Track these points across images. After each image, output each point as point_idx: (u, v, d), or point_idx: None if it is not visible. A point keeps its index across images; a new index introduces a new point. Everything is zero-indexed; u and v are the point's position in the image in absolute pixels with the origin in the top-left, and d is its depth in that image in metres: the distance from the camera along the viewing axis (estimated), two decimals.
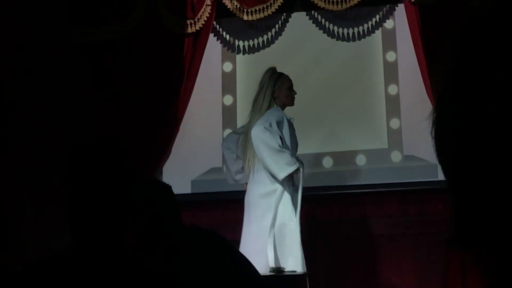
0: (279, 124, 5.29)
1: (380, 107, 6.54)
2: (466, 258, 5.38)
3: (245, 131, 5.44)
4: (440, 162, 0.73)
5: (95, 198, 2.02)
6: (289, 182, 5.27)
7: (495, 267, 0.67)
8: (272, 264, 5.05)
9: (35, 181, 6.46)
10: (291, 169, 5.17)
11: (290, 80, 5.50)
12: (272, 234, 5.16)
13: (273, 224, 5.18)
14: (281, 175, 5.17)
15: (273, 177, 5.23)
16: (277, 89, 5.42)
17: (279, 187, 5.25)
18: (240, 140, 5.53)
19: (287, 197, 5.26)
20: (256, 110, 5.37)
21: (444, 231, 5.73)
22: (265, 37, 6.85)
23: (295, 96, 5.51)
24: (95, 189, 2.03)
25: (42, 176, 6.38)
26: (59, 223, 2.21)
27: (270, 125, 5.20)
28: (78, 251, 2.00)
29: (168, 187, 2.80)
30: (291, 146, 5.36)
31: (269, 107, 5.35)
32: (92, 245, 1.99)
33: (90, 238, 2.00)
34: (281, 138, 5.25)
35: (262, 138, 5.15)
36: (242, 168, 5.54)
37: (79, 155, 2.11)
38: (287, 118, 5.37)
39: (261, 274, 3.33)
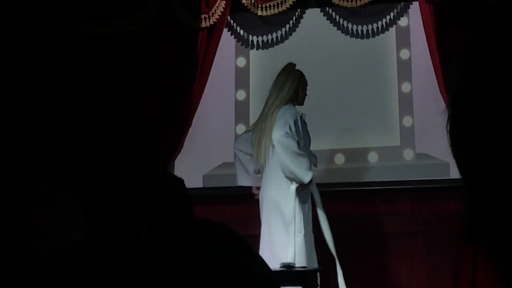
0: (296, 123, 5.32)
1: (393, 104, 6.53)
2: (478, 254, 5.37)
3: (264, 117, 5.41)
4: (455, 156, 0.73)
5: (111, 187, 2.01)
6: (303, 189, 5.31)
7: (508, 262, 0.67)
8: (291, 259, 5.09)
9: (50, 172, 6.48)
10: (311, 174, 5.23)
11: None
12: (293, 231, 5.21)
13: (291, 222, 5.21)
14: (307, 178, 5.23)
15: (291, 181, 5.27)
16: (300, 87, 5.47)
17: (291, 188, 5.28)
18: (254, 131, 5.52)
19: (299, 205, 5.31)
20: (278, 98, 5.37)
21: (456, 229, 5.73)
22: (279, 32, 6.85)
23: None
24: (111, 178, 2.02)
25: (58, 167, 6.40)
26: (75, 214, 2.21)
27: (290, 128, 5.23)
28: (91, 242, 2.00)
29: (180, 180, 2.81)
30: (304, 142, 5.39)
31: (288, 101, 5.38)
32: (106, 236, 1.99)
33: (105, 229, 2.00)
34: (298, 140, 5.29)
35: (285, 143, 5.19)
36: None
37: (97, 143, 2.10)
38: (299, 115, 5.39)
39: (272, 269, 3.34)
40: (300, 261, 5.15)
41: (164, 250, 2.00)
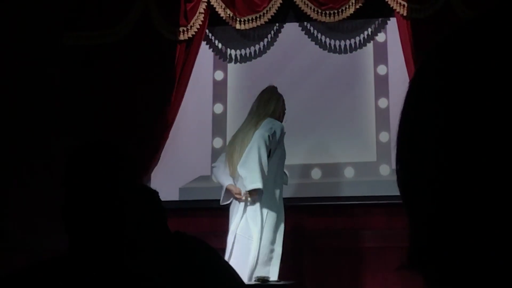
0: (281, 134, 5.32)
1: (370, 120, 6.56)
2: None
3: (246, 129, 5.38)
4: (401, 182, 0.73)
5: (92, 202, 2.01)
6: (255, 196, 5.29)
7: None
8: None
9: (26, 182, 6.44)
10: (260, 185, 5.18)
11: None
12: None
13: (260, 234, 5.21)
14: (251, 186, 5.18)
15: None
16: (282, 109, 5.48)
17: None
18: (232, 141, 5.49)
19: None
20: (262, 112, 5.36)
21: None
22: (257, 46, 6.86)
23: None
24: (92, 193, 2.03)
25: (32, 179, 6.38)
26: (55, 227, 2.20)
27: (274, 134, 5.23)
28: (72, 258, 1.99)
29: (154, 193, 2.79)
30: (281, 156, 5.38)
31: (270, 115, 5.37)
32: (87, 252, 1.98)
33: (86, 244, 1.99)
34: (275, 149, 5.28)
35: (261, 143, 5.17)
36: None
37: (77, 157, 2.10)
38: (283, 129, 5.40)
39: (246, 283, 3.33)
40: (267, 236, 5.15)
41: (135, 265, 1.98)
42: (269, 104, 5.41)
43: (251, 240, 5.20)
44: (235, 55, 6.90)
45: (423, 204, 0.66)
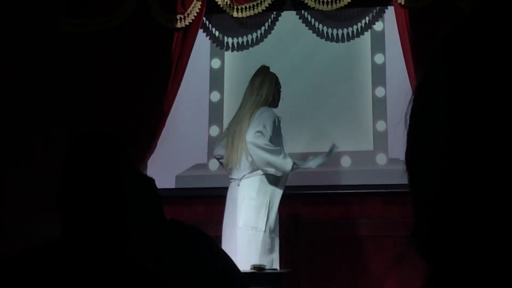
0: (274, 123, 5.29)
1: (367, 109, 6.55)
2: None
3: (240, 119, 5.35)
4: (409, 164, 0.74)
5: (88, 189, 2.03)
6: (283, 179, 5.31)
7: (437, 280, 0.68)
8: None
9: (23, 173, 6.44)
10: (291, 160, 5.26)
11: None
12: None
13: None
14: (288, 166, 5.22)
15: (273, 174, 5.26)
16: (277, 91, 5.44)
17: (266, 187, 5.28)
18: (228, 133, 5.46)
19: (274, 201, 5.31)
20: (255, 101, 5.32)
21: None
22: (254, 34, 6.85)
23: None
24: (89, 180, 2.04)
25: (29, 166, 6.37)
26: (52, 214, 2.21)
27: (265, 126, 5.20)
28: (64, 243, 2.00)
29: (151, 180, 2.80)
30: (279, 144, 5.37)
31: (264, 104, 5.33)
32: (79, 237, 1.99)
33: (79, 230, 2.00)
34: (271, 139, 5.26)
35: (255, 142, 5.16)
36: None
37: (76, 147, 2.12)
38: (277, 117, 5.36)
39: (242, 271, 3.33)
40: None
41: (129, 252, 1.99)
42: (261, 89, 5.36)
43: (256, 231, 5.20)
44: (232, 43, 6.89)
45: (433, 192, 0.67)
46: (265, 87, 5.37)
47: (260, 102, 5.33)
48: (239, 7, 6.55)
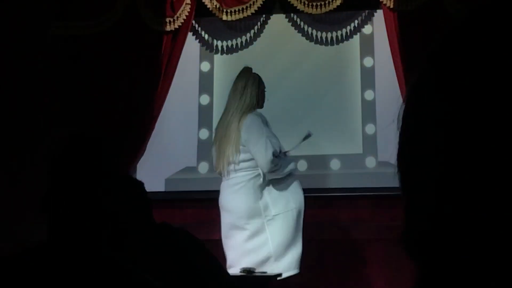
0: (266, 126, 5.28)
1: (356, 112, 6.56)
2: None
3: (226, 124, 5.32)
4: (401, 166, 0.75)
5: (73, 192, 2.02)
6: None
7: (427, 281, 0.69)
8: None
9: (10, 175, 6.42)
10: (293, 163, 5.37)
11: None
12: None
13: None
14: (288, 170, 5.32)
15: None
16: (260, 91, 5.39)
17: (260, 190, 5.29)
18: (215, 138, 5.44)
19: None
20: (239, 105, 5.28)
21: None
22: (243, 38, 6.86)
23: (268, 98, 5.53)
24: (74, 183, 2.03)
25: (19, 170, 6.36)
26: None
27: (268, 138, 5.20)
28: (50, 246, 1.99)
29: (140, 184, 2.79)
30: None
31: (250, 108, 5.29)
32: (66, 240, 1.98)
33: (65, 233, 1.99)
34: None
35: (273, 171, 5.21)
36: None
37: (61, 150, 2.12)
38: (264, 118, 5.35)
39: (232, 274, 3.33)
40: (279, 241, 5.17)
41: (118, 256, 1.98)
42: (244, 92, 5.32)
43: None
44: (222, 46, 6.89)
45: (425, 194, 0.68)
46: (248, 90, 5.32)
47: (244, 106, 5.27)
48: (228, 10, 6.55)
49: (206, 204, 6.06)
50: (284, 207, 5.24)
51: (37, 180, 4.44)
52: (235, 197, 5.24)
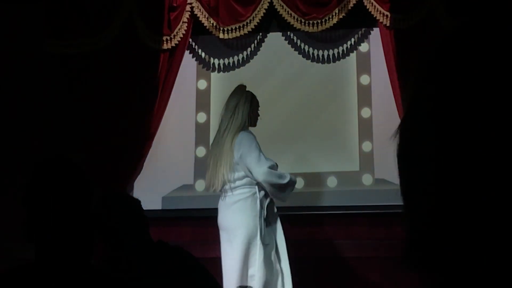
0: (257, 143, 5.29)
1: (353, 129, 6.57)
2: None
3: (220, 143, 5.33)
4: (402, 181, 0.76)
5: (53, 216, 2.02)
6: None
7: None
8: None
9: (4, 191, 6.40)
10: (287, 177, 5.34)
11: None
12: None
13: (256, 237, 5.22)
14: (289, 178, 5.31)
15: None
16: (253, 109, 5.40)
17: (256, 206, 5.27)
18: (209, 157, 5.45)
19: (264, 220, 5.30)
20: (231, 124, 5.29)
21: None
22: (240, 56, 6.87)
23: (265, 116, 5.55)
24: (52, 207, 2.03)
25: (8, 185, 6.35)
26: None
27: (260, 151, 5.22)
28: (39, 266, 1.98)
29: (136, 202, 2.79)
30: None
31: (242, 126, 5.30)
32: (54, 261, 1.98)
33: (52, 255, 1.99)
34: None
35: (271, 179, 5.21)
36: None
37: (35, 174, 2.12)
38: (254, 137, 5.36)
39: None
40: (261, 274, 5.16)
41: (116, 273, 1.98)
42: (236, 110, 5.33)
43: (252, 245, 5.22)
44: (219, 64, 6.90)
45: (424, 202, 0.69)
46: (240, 109, 5.32)
47: (236, 125, 5.29)
48: (225, 29, 6.57)
49: (203, 222, 6.05)
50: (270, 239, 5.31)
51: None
52: (231, 214, 5.24)
